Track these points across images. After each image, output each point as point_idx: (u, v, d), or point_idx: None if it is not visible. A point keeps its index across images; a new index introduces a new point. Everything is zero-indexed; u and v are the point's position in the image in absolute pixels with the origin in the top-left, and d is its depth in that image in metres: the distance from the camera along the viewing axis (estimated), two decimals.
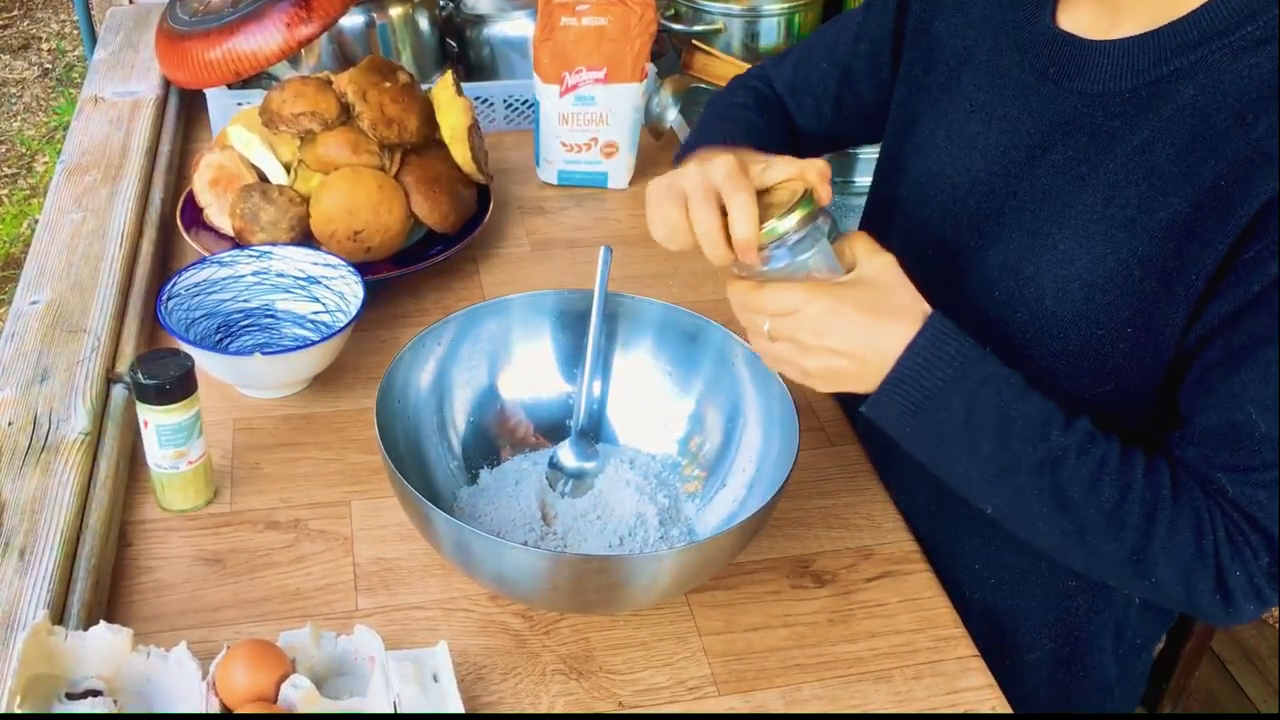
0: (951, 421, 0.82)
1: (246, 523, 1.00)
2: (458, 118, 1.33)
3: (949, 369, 0.81)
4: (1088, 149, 0.87)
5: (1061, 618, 1.04)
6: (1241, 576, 0.80)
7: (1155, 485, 0.82)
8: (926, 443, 0.85)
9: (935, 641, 0.94)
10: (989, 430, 0.82)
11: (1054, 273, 0.88)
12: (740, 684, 0.90)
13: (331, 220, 1.23)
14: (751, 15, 1.87)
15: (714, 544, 0.86)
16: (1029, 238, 0.90)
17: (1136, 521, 0.81)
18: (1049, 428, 0.82)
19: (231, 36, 1.40)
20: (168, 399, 0.93)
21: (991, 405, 0.82)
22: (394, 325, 1.24)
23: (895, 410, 0.84)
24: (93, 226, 1.28)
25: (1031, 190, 0.91)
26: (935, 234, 0.99)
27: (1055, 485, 0.81)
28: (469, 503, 1.00)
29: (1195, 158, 0.82)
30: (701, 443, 1.04)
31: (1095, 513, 0.81)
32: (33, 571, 0.88)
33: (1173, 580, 0.81)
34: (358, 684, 0.84)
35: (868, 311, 0.82)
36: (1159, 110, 0.84)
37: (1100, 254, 0.86)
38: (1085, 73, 0.89)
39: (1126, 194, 0.85)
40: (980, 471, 0.83)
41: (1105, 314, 0.86)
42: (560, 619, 0.93)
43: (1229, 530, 0.81)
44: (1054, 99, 0.90)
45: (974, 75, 0.97)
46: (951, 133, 0.98)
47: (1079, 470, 0.81)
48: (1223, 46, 0.82)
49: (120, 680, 0.81)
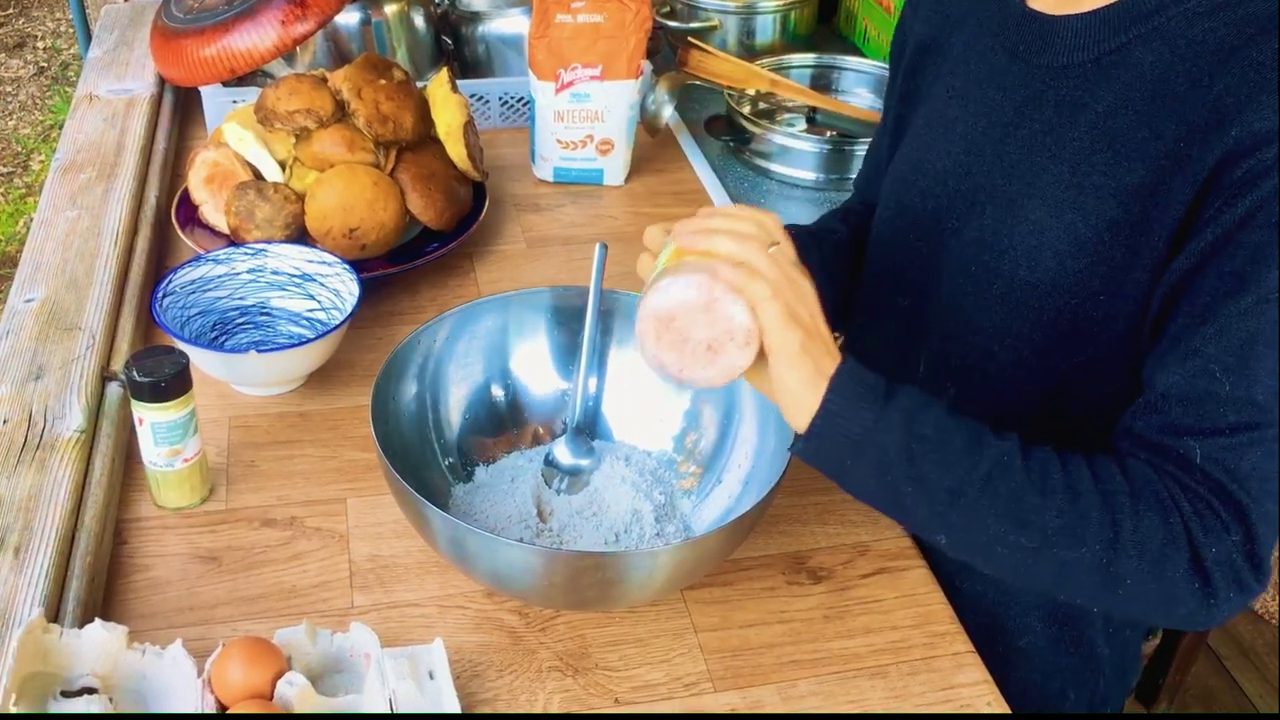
0: (891, 447, 0.78)
1: (242, 520, 1.00)
2: (453, 115, 1.33)
3: (873, 397, 0.79)
4: (1053, 121, 0.89)
5: (1050, 601, 1.04)
6: (1219, 554, 0.77)
7: (1105, 477, 0.79)
8: (865, 476, 0.81)
9: (931, 637, 0.94)
10: (929, 452, 0.78)
11: (1026, 243, 0.89)
12: (736, 680, 0.90)
13: (327, 218, 1.23)
14: (747, 12, 1.87)
15: (709, 540, 0.86)
16: (1002, 212, 0.92)
17: (1098, 516, 0.78)
18: (984, 437, 0.80)
19: (226, 34, 1.39)
20: (163, 396, 0.93)
21: (927, 424, 0.79)
22: (389, 322, 1.24)
23: (828, 445, 0.80)
24: (88, 224, 1.28)
25: (1003, 166, 0.92)
26: (917, 218, 1.00)
27: (1009, 495, 0.78)
28: (465, 500, 1.00)
29: (1156, 122, 0.83)
30: (697, 439, 1.04)
31: (1054, 517, 0.78)
32: (28, 569, 0.88)
33: (1145, 577, 0.78)
34: (353, 681, 0.84)
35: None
36: (1119, 78, 0.86)
37: (1070, 222, 0.87)
38: (1050, 47, 0.90)
39: (1093, 161, 0.86)
40: (929, 499, 0.80)
41: (1077, 281, 0.87)
42: (556, 616, 0.93)
43: (1195, 506, 0.78)
44: (1023, 76, 0.92)
45: (952, 64, 0.99)
46: (931, 119, 1.00)
47: (1028, 475, 0.79)
48: (1178, 14, 0.84)
49: (115, 678, 0.81)
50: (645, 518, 0.98)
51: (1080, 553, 0.78)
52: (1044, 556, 0.79)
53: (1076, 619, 1.05)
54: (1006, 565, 0.82)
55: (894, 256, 1.03)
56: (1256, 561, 0.79)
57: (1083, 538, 0.78)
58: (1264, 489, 0.78)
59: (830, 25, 2.05)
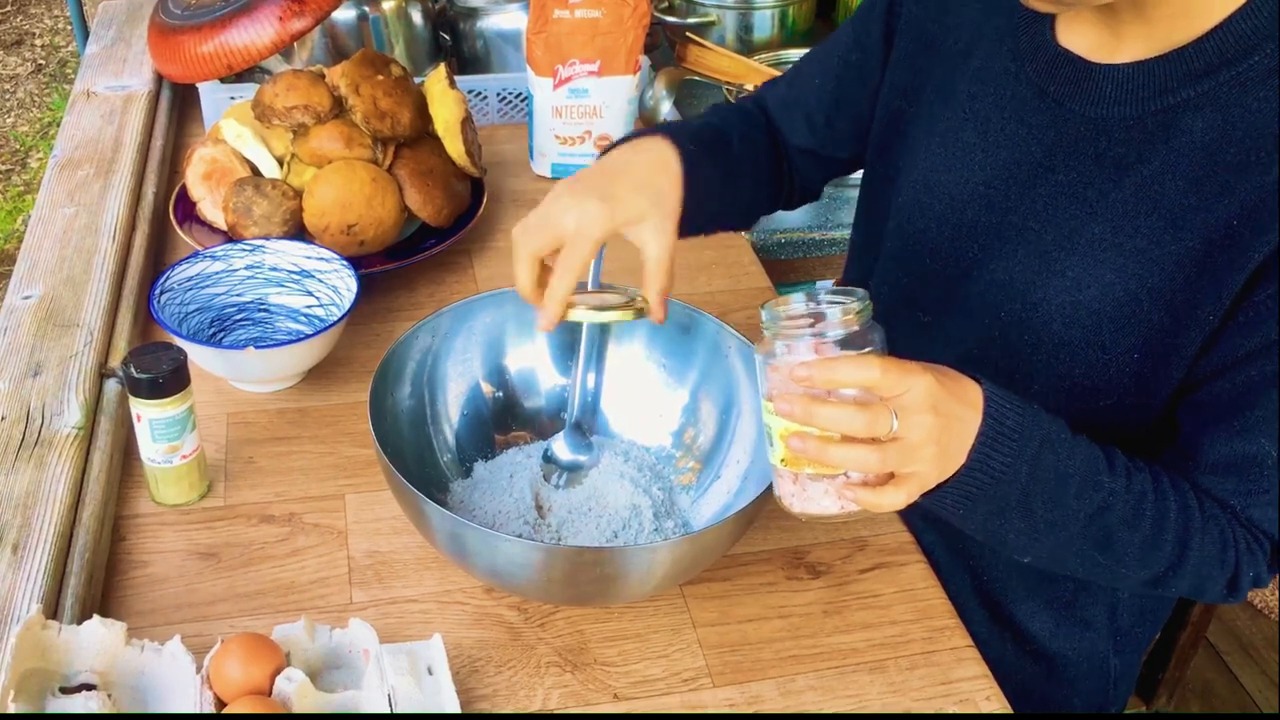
0: (1013, 495, 0.78)
1: (240, 517, 1.00)
2: (451, 111, 1.33)
3: (1011, 444, 0.76)
4: (1094, 175, 0.87)
5: (1052, 598, 1.04)
6: (1251, 575, 0.85)
7: (1186, 509, 0.84)
8: (978, 519, 0.81)
9: (930, 632, 0.94)
10: (1046, 493, 0.79)
11: (1062, 299, 0.88)
12: (735, 675, 0.90)
13: (325, 214, 1.23)
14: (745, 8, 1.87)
15: (708, 536, 0.86)
16: (1035, 259, 0.89)
17: (1170, 549, 0.83)
18: (1099, 476, 0.81)
19: (224, 30, 1.39)
20: (161, 393, 0.93)
21: (1049, 468, 0.78)
22: (387, 319, 1.24)
23: (957, 498, 0.78)
24: (85, 221, 1.28)
25: (1034, 209, 0.90)
26: (932, 243, 0.98)
27: (1103, 529, 0.82)
28: (463, 495, 1.00)
29: (1207, 194, 0.81)
30: (696, 434, 1.04)
31: (1133, 547, 0.83)
32: (26, 566, 0.88)
33: (1187, 589, 0.86)
34: (352, 677, 0.84)
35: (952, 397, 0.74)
36: (1168, 142, 0.83)
37: (1109, 283, 0.85)
38: (1087, 95, 0.87)
39: (1137, 224, 0.84)
40: (1029, 529, 0.81)
41: (1112, 340, 0.86)
42: (555, 611, 0.93)
43: (1249, 543, 0.85)
44: (1055, 118, 0.89)
45: (968, 82, 0.95)
46: (946, 140, 0.96)
47: (1124, 510, 0.82)
48: (1230, 79, 0.81)
49: (114, 674, 0.81)
50: (644, 513, 0.98)
51: (1142, 574, 0.85)
52: (1111, 572, 0.85)
53: (1079, 613, 1.05)
54: (1074, 570, 0.87)
55: (910, 275, 1.00)
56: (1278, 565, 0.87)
57: (1147, 563, 0.84)
58: None
59: (829, 20, 2.04)
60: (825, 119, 1.11)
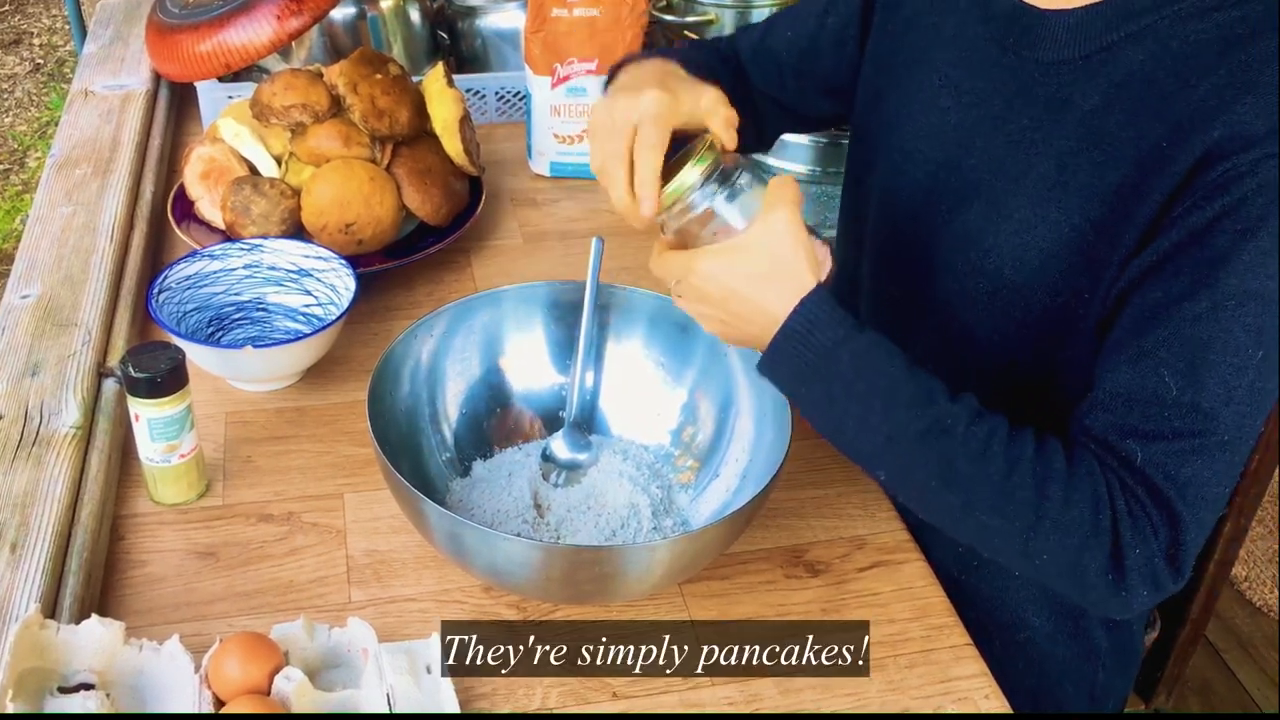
0: (840, 380, 0.81)
1: (239, 516, 1.00)
2: (449, 110, 1.33)
3: (839, 329, 0.81)
4: (1041, 118, 0.89)
5: (1048, 594, 1.04)
6: (1141, 555, 0.78)
7: (1047, 459, 0.80)
8: (816, 404, 0.84)
9: (928, 630, 0.94)
10: (876, 395, 0.81)
11: (1012, 242, 0.89)
12: (734, 674, 0.90)
13: (323, 213, 1.23)
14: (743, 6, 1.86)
15: (707, 534, 0.86)
16: (988, 208, 0.91)
17: (1026, 495, 0.79)
18: (935, 396, 0.81)
19: (222, 29, 1.39)
20: (159, 392, 0.93)
21: (880, 370, 0.81)
22: (386, 318, 1.24)
23: (786, 369, 0.83)
24: (83, 220, 1.28)
25: (990, 161, 0.92)
26: (908, 208, 0.99)
27: (941, 456, 0.80)
28: (462, 494, 1.00)
29: (1142, 121, 0.83)
30: (694, 433, 1.04)
31: (982, 486, 0.79)
32: (24, 565, 0.88)
33: (1062, 559, 0.79)
34: (351, 676, 0.84)
35: (749, 280, 0.82)
36: (1109, 76, 0.85)
37: (1055, 221, 0.87)
38: (1041, 42, 0.90)
39: (1079, 160, 0.85)
40: (868, 437, 0.83)
41: (1062, 280, 0.87)
42: (554, 610, 0.93)
43: (1129, 505, 0.79)
44: (1014, 69, 0.91)
45: (943, 50, 0.98)
46: (925, 107, 0.98)
47: (967, 442, 0.80)
48: (1170, 14, 0.83)
49: (112, 674, 0.81)
50: (643, 512, 0.98)
51: (999, 522, 0.80)
52: (968, 517, 0.81)
53: (1076, 611, 1.05)
54: (936, 516, 0.85)
55: (886, 244, 1.02)
56: (1177, 565, 0.79)
57: (1004, 510, 0.79)
58: (1200, 497, 0.79)
59: None
60: (794, 75, 1.13)
